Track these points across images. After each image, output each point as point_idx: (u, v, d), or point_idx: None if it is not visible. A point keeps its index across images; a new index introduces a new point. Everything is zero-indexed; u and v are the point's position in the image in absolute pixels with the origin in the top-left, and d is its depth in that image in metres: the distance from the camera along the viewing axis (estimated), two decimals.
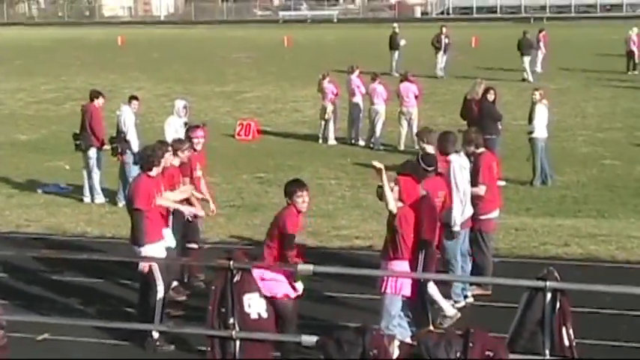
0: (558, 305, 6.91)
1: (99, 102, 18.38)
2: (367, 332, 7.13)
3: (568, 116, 27.87)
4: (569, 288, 7.06)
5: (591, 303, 10.18)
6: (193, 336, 9.89)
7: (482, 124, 17.93)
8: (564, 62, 41.15)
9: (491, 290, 11.92)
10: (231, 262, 7.78)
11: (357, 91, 24.67)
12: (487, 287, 12.03)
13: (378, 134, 23.92)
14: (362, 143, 24.36)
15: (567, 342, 6.97)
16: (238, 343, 7.80)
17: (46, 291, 12.51)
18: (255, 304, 7.90)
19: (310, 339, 7.71)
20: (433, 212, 10.33)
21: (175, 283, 12.13)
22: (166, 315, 10.87)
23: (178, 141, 12.65)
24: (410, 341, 8.00)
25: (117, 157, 17.87)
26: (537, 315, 7.01)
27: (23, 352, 9.91)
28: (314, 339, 7.61)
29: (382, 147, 23.50)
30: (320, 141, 24.96)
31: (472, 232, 11.96)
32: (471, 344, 6.92)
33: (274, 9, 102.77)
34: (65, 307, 11.79)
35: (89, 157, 18.22)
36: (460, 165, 11.58)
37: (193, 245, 12.55)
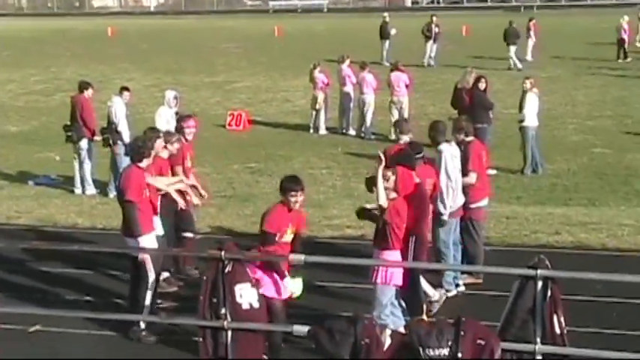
0: (549, 293, 6.93)
1: (88, 93, 18.33)
2: (359, 322, 7.14)
3: (558, 105, 27.89)
4: (560, 276, 7.07)
5: (582, 291, 10.20)
6: (185, 326, 9.89)
7: (473, 113, 17.91)
8: (554, 51, 41.14)
9: (482, 279, 11.95)
10: (222, 253, 7.77)
11: (348, 81, 24.66)
12: (478, 276, 12.05)
13: (369, 123, 23.93)
14: (353, 133, 24.37)
15: (558, 330, 6.99)
16: (230, 334, 7.80)
17: (37, 282, 12.48)
18: (246, 295, 7.90)
19: (302, 329, 7.72)
20: (424, 201, 10.34)
21: (167, 274, 12.12)
22: (158, 306, 10.88)
23: (167, 133, 12.59)
24: (403, 330, 8.00)
25: (108, 148, 17.84)
26: (528, 303, 7.02)
27: (16, 344, 9.92)
28: (305, 329, 7.62)
29: (373, 136, 23.51)
30: (311, 131, 24.96)
31: (463, 221, 11.98)
32: (463, 333, 6.94)
33: None
34: (56, 299, 11.78)
35: (80, 149, 18.17)
36: (451, 154, 11.59)
37: (189, 234, 12.54)
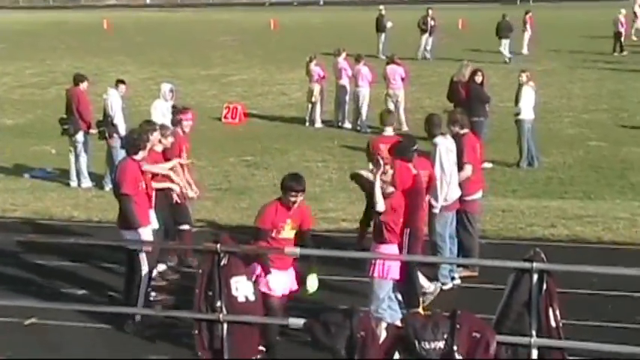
0: (545, 286, 6.92)
1: (84, 86, 18.32)
2: (354, 315, 7.14)
3: (554, 98, 27.89)
4: (555, 269, 7.06)
5: (578, 284, 10.23)
6: (181, 319, 9.89)
7: (470, 107, 17.94)
8: (550, 44, 41.14)
9: (478, 272, 11.96)
10: (218, 246, 7.77)
11: (344, 74, 24.65)
12: (474, 269, 12.07)
13: (364, 116, 23.92)
14: (348, 126, 24.37)
15: (554, 323, 6.99)
16: (226, 326, 7.80)
17: (33, 275, 12.49)
18: (242, 288, 7.88)
19: (297, 321, 7.71)
20: (419, 194, 10.34)
21: (164, 267, 12.10)
22: (154, 299, 10.88)
23: (161, 127, 12.56)
24: (398, 323, 8.01)
25: (104, 141, 17.82)
26: (524, 296, 7.02)
27: (11, 337, 9.92)
28: (301, 321, 7.62)
29: (369, 129, 23.49)
30: (307, 124, 24.94)
31: (457, 214, 11.98)
32: (458, 326, 6.94)
33: None
34: (52, 292, 11.78)
35: (77, 142, 18.16)
36: (446, 147, 11.58)
37: (186, 227, 12.53)
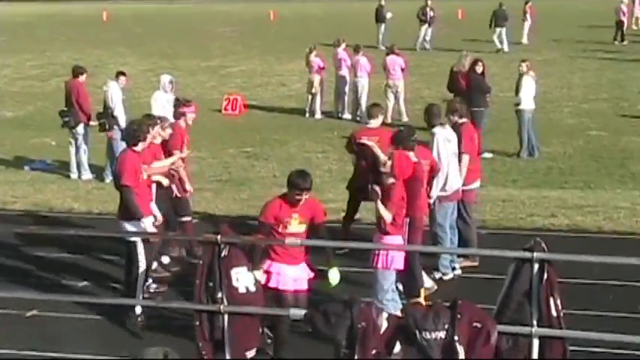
0: (545, 276, 6.92)
1: (82, 78, 18.30)
2: (355, 305, 7.13)
3: (554, 88, 27.87)
4: (556, 259, 7.06)
5: (578, 273, 10.21)
6: (181, 310, 9.90)
7: (470, 97, 17.95)
8: (551, 33, 41.10)
9: (478, 261, 11.96)
10: (218, 237, 7.77)
11: (344, 65, 24.63)
12: (474, 258, 12.07)
13: (364, 107, 23.87)
14: (348, 116, 24.35)
15: (555, 312, 6.99)
16: (227, 317, 7.81)
17: (34, 267, 12.49)
18: (243, 279, 7.88)
19: (298, 312, 7.73)
20: (420, 183, 10.33)
21: (167, 259, 12.09)
22: (155, 290, 10.89)
23: (160, 119, 12.51)
24: (398, 313, 8.01)
25: (104, 133, 17.80)
26: (524, 286, 7.01)
27: (12, 329, 9.93)
28: (302, 312, 7.62)
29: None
30: (307, 115, 24.93)
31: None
32: (459, 316, 6.94)
33: None
34: (53, 284, 11.79)
35: (77, 134, 18.15)
36: (444, 137, 11.56)
37: (187, 218, 12.51)
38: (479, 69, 19.53)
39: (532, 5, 40.54)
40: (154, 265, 10.69)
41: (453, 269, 11.88)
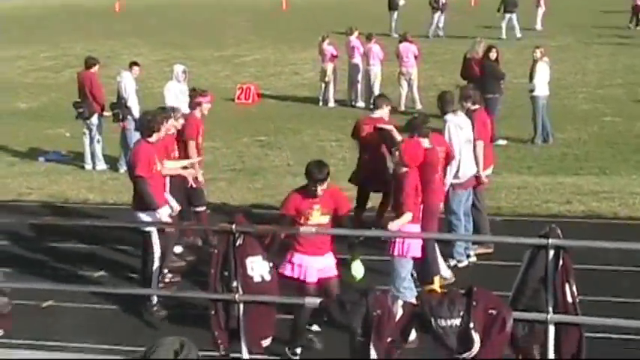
0: (561, 262, 6.91)
1: (95, 69, 18.34)
2: (370, 293, 7.14)
3: (568, 74, 27.76)
4: (571, 245, 7.05)
5: (594, 260, 10.18)
6: (197, 300, 9.93)
7: (484, 84, 17.89)
8: (564, 19, 40.86)
9: (493, 248, 11.93)
10: (233, 226, 7.77)
11: (357, 53, 24.60)
12: (489, 245, 12.04)
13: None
14: (362, 104, 24.31)
15: (570, 299, 6.98)
16: (242, 306, 7.82)
17: (50, 258, 12.54)
18: (257, 267, 7.89)
19: (313, 301, 7.73)
20: (433, 169, 10.31)
21: (180, 249, 12.14)
22: (170, 280, 10.93)
23: (172, 109, 12.50)
24: (414, 301, 8.00)
25: (118, 124, 17.85)
26: (540, 272, 7.00)
27: (29, 319, 9.96)
28: (317, 300, 7.63)
29: None
30: (320, 103, 24.93)
31: None
32: (474, 303, 6.93)
33: None
34: (68, 274, 11.83)
35: (91, 124, 18.20)
36: (456, 124, 11.52)
37: (201, 208, 12.53)
38: (493, 55, 19.47)
39: None
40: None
41: (468, 256, 11.86)
